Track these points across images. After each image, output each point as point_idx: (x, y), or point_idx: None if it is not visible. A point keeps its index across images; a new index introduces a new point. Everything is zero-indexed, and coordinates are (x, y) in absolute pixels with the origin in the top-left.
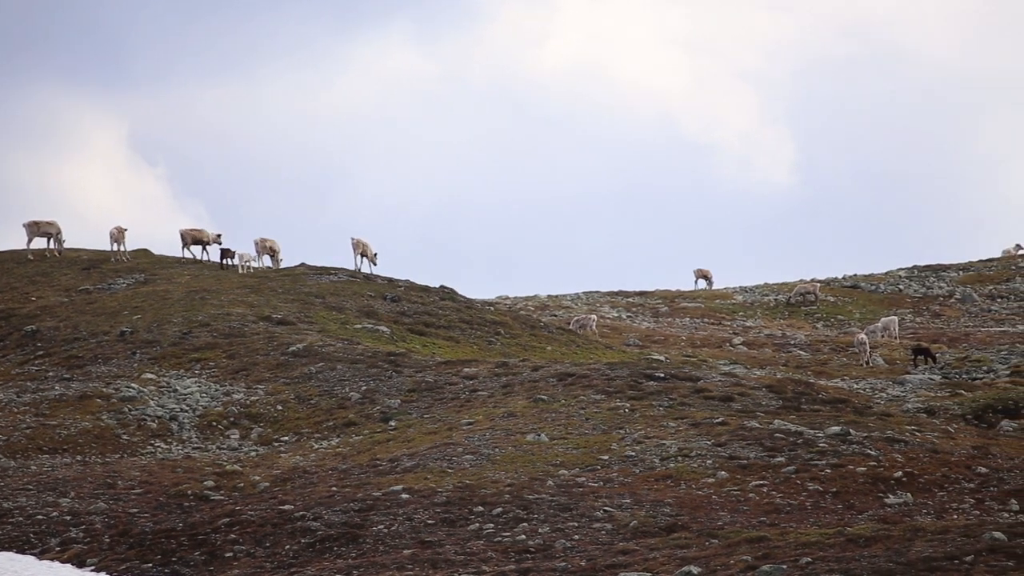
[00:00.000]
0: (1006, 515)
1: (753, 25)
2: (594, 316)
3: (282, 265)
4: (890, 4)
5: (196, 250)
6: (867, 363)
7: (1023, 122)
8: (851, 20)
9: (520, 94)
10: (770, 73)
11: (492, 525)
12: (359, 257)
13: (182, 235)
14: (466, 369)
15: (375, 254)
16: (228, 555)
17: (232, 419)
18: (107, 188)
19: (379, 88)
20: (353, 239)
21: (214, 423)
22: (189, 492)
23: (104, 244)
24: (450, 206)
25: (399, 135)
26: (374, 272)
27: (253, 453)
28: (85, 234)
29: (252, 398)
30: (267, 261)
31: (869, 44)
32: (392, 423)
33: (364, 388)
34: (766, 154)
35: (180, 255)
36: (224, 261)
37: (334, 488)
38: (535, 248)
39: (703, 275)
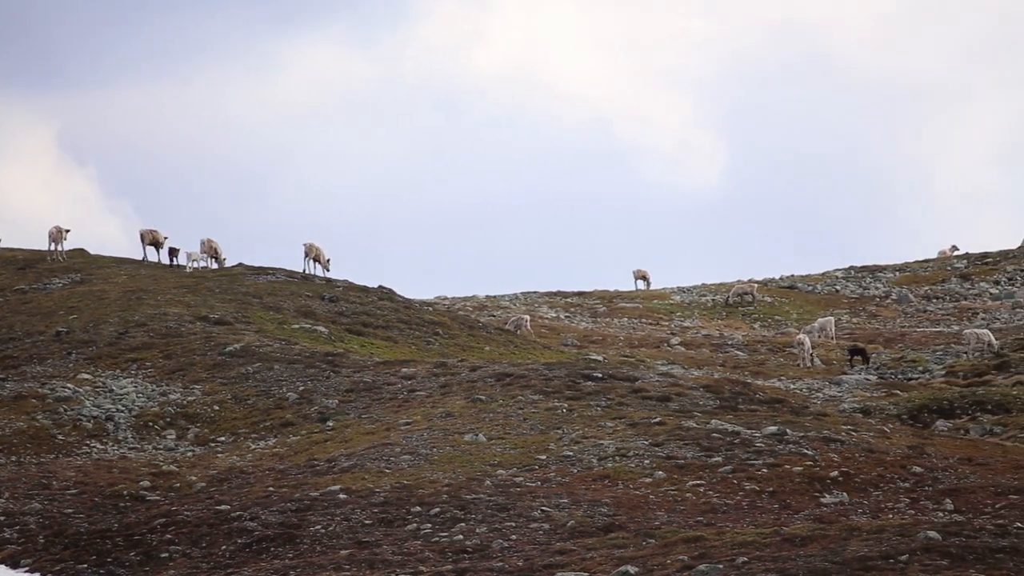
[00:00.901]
0: (941, 515)
1: (685, 28)
2: (527, 316)
3: (226, 265)
4: (820, 6)
5: (151, 251)
6: (809, 364)
7: (953, 124)
8: (782, 22)
9: (455, 95)
10: (702, 76)
11: (430, 525)
12: (311, 262)
13: (141, 235)
14: (404, 369)
15: (328, 260)
16: (164, 555)
17: (168, 419)
18: (36, 188)
19: (314, 89)
20: (306, 244)
21: (150, 423)
22: (125, 492)
23: (39, 244)
24: (387, 206)
25: (334, 136)
26: (315, 273)
27: (189, 453)
28: (17, 234)
29: (189, 398)
30: (211, 262)
31: (801, 46)
32: (330, 423)
33: (302, 388)
34: (699, 157)
35: (141, 256)
36: (172, 260)
37: (271, 488)
38: (474, 248)
39: (641, 276)
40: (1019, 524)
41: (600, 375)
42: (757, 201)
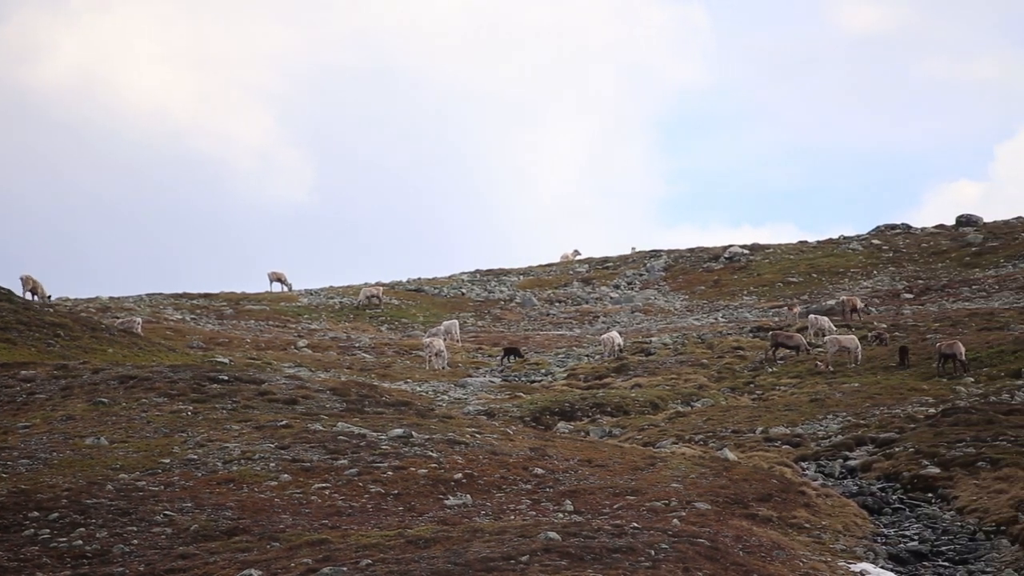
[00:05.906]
0: (561, 515)
1: (259, 39)
2: (139, 319)
3: None
4: (390, 19)
5: None
6: (439, 366)
7: (540, 137)
8: (355, 32)
9: (24, 102)
10: (280, 88)
11: (48, 531)
12: (28, 294)
13: None
14: (23, 371)
15: (48, 296)
16: None
17: None
18: None
19: None
20: (23, 276)
21: None
22: None
23: None
24: None
25: None
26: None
27: None
28: None
29: None
30: None
31: (381, 59)
32: None
33: None
34: (286, 170)
35: None
36: None
37: None
38: (90, 251)
39: (278, 278)
40: (635, 524)
41: (226, 377)
42: (354, 209)
